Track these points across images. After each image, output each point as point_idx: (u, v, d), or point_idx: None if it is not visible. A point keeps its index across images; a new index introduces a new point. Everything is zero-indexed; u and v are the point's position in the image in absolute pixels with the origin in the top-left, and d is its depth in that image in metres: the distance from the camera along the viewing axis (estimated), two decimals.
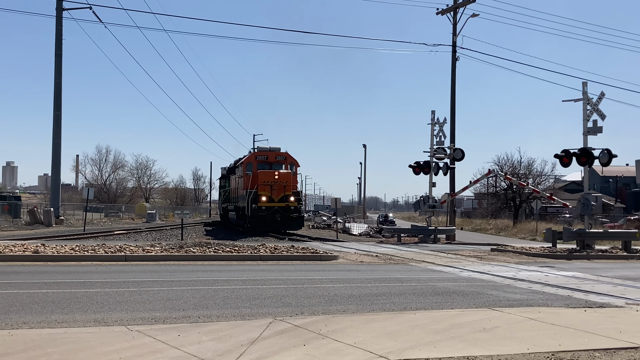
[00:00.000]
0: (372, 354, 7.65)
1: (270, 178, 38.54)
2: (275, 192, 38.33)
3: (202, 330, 8.91)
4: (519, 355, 7.75)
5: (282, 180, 38.76)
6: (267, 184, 38.27)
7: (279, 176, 38.83)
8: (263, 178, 38.49)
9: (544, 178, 78.56)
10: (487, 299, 13.11)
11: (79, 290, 13.06)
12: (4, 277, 15.04)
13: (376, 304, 12.01)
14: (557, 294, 14.22)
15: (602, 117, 27.84)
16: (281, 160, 41.23)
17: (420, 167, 37.43)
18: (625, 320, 10.62)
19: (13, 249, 20.90)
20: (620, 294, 14.24)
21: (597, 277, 17.97)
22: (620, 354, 7.93)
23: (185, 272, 17.14)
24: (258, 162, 40.54)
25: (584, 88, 28.45)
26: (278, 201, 38.29)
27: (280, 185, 38.61)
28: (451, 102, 42.08)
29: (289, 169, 40.74)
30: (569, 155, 28.14)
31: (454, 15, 42.29)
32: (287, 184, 39.00)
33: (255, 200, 37.88)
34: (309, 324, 9.51)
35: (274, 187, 38.41)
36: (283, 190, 38.57)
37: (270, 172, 39.09)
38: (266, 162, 40.71)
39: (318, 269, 18.80)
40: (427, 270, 19.24)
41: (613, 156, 27.53)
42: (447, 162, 37.79)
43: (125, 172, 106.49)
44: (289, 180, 39.28)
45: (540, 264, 22.31)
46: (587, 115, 28.04)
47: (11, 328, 8.92)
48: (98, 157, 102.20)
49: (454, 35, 42.08)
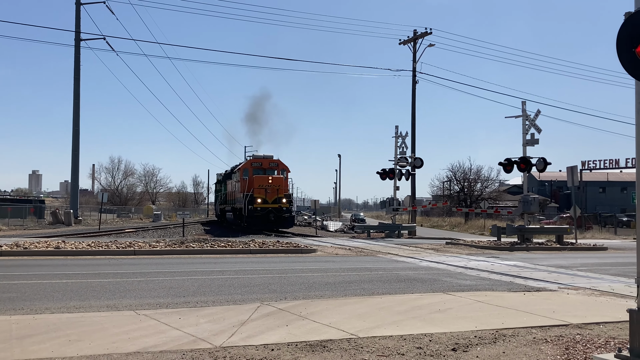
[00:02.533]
0: (344, 332, 7.66)
1: (265, 182, 37.96)
2: (269, 195, 37.73)
3: (200, 313, 8.88)
4: (469, 332, 7.80)
5: (275, 184, 38.21)
6: (261, 187, 37.69)
7: (272, 180, 38.28)
8: (258, 182, 37.93)
9: (490, 182, 79.17)
10: (442, 284, 13.17)
11: (93, 280, 12.96)
12: (30, 270, 14.90)
13: (348, 290, 12.02)
14: (501, 280, 14.33)
15: (538, 130, 28.13)
16: (274, 167, 40.60)
17: (386, 173, 37.66)
18: (557, 302, 10.73)
19: (37, 245, 20.75)
20: (554, 280, 14.39)
21: (535, 266, 18.13)
22: (553, 330, 8.01)
23: (185, 264, 17.06)
24: (253, 168, 39.93)
25: (523, 106, 28.72)
26: (272, 203, 37.70)
27: (274, 189, 38.01)
28: (412, 118, 42.29)
29: (281, 174, 40.17)
30: (511, 163, 28.42)
31: (414, 46, 42.53)
32: (279, 187, 38.42)
33: (252, 202, 37.29)
34: (291, 307, 9.51)
35: (268, 190, 37.80)
36: (276, 193, 37.98)
37: (265, 177, 38.48)
38: (261, 168, 40.02)
39: (299, 261, 18.79)
40: (392, 261, 19.29)
41: (548, 163, 27.90)
42: (409, 169, 37.94)
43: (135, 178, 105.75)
44: (281, 184, 38.75)
45: (487, 255, 22.46)
46: (526, 129, 28.31)
47: (35, 313, 8.85)
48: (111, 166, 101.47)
49: (414, 62, 42.29)
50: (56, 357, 6.25)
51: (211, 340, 7.09)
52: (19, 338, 7.08)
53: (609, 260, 21.28)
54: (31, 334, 7.32)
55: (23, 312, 8.98)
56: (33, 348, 6.61)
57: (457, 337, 7.49)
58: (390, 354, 6.60)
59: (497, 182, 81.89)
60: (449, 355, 6.58)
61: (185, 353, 6.50)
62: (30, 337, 7.13)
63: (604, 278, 15.00)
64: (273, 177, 38.69)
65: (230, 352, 6.58)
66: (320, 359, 6.33)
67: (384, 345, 7.01)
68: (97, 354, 6.38)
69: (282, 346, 6.87)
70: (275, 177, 39.06)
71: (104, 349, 6.59)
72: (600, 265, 18.61)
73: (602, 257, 22.71)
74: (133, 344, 6.88)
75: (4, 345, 6.73)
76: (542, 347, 6.91)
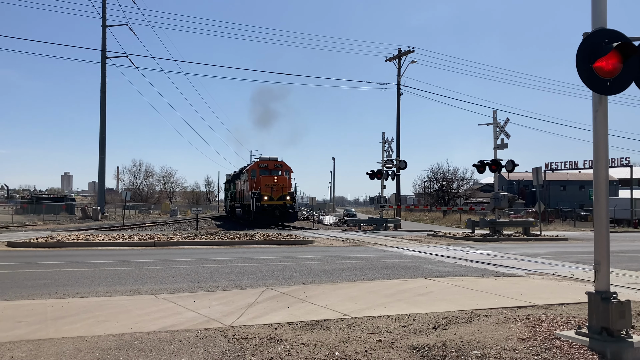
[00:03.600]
0: (339, 313, 7.66)
1: (271, 181, 37.56)
2: (275, 193, 37.31)
3: (212, 297, 8.86)
4: (448, 312, 7.80)
5: (280, 183, 37.83)
6: (268, 186, 37.25)
7: (278, 180, 37.90)
8: (265, 181, 37.53)
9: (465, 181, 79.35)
10: (424, 271, 13.17)
11: (118, 268, 12.92)
12: (63, 259, 14.85)
13: (342, 276, 12.01)
14: (475, 267, 14.33)
15: (507, 136, 28.12)
16: (279, 168, 40.01)
17: (374, 174, 37.61)
18: (525, 286, 10.74)
19: (69, 237, 20.70)
20: (521, 267, 14.39)
21: (505, 255, 18.14)
22: (521, 310, 8.02)
23: (199, 254, 17.02)
24: (260, 168, 39.45)
25: (494, 115, 28.73)
26: (277, 200, 37.25)
27: (279, 187, 37.60)
28: (397, 125, 42.38)
29: (285, 174, 39.64)
30: (483, 165, 28.41)
31: (398, 62, 42.61)
32: (284, 186, 38.00)
33: (259, 199, 36.90)
34: (292, 291, 9.50)
35: (274, 188, 37.36)
36: (281, 191, 37.56)
37: (271, 177, 38.05)
38: (267, 169, 39.52)
39: (299, 251, 18.77)
40: (380, 251, 19.29)
41: (515, 165, 27.88)
42: (395, 170, 37.92)
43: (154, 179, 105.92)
44: (285, 184, 38.34)
45: (463, 245, 22.47)
46: (497, 135, 28.32)
47: (67, 297, 8.82)
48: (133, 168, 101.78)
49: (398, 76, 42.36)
50: (86, 335, 6.23)
51: (222, 321, 7.08)
52: (53, 319, 7.06)
53: (570, 249, 21.31)
54: (64, 315, 7.30)
55: (57, 296, 8.95)
56: (65, 328, 6.59)
57: (437, 316, 7.49)
58: (379, 331, 6.60)
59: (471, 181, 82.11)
60: (430, 332, 6.58)
61: (199, 332, 6.49)
62: (63, 319, 7.10)
63: (565, 265, 15.02)
64: (278, 177, 38.32)
65: (239, 330, 6.57)
66: (317, 336, 6.33)
67: (374, 324, 7.00)
68: (122, 333, 6.36)
69: (285, 325, 6.86)
70: (280, 177, 38.66)
71: (128, 329, 6.57)
72: (561, 254, 18.63)
73: (563, 247, 22.74)
74: (154, 323, 6.86)
75: (40, 325, 6.72)
76: (511, 325, 6.92)
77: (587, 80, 5.70)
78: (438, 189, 77.71)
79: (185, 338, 6.18)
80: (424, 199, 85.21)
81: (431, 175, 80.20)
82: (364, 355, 5.60)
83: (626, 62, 5.63)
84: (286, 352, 5.66)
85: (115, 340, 6.06)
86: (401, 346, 5.94)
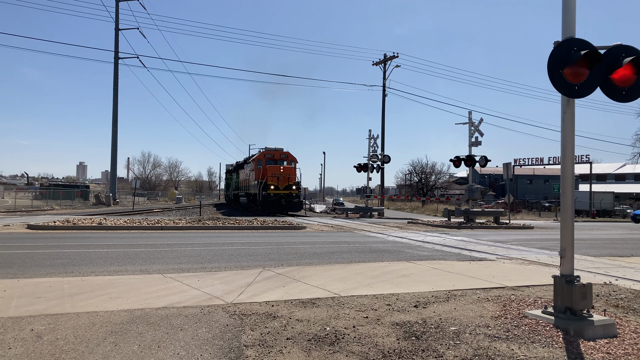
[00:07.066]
0: (329, 292, 7.64)
1: (277, 171, 35.79)
2: (281, 182, 35.55)
3: (214, 277, 8.81)
4: (427, 292, 7.80)
5: (285, 173, 36.01)
6: (274, 175, 35.51)
7: (283, 170, 36.08)
8: (271, 171, 35.74)
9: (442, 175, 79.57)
10: (405, 255, 13.18)
11: (129, 249, 12.84)
12: (78, 241, 14.73)
13: (332, 259, 12.00)
14: (451, 252, 14.36)
15: (481, 134, 28.18)
16: (284, 158, 38.18)
17: (361, 167, 37.63)
18: (496, 269, 10.77)
19: (84, 221, 20.54)
20: (493, 252, 14.44)
21: (478, 241, 18.21)
22: (493, 291, 8.04)
23: (202, 237, 16.95)
24: (266, 158, 37.59)
25: (470, 115, 28.75)
26: (283, 189, 35.54)
27: (284, 177, 35.79)
28: (382, 123, 42.33)
29: (290, 165, 37.66)
30: (459, 160, 28.45)
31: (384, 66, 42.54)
32: (289, 176, 36.11)
33: (265, 188, 35.14)
34: (287, 272, 9.47)
35: (280, 178, 35.59)
36: (286, 180, 35.78)
37: (277, 167, 36.22)
38: (272, 159, 37.72)
39: (293, 235, 18.74)
40: (365, 236, 19.29)
41: (488, 160, 27.97)
42: (379, 164, 37.97)
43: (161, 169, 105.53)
44: (290, 173, 36.39)
45: (440, 232, 22.53)
46: (472, 133, 28.37)
47: (83, 275, 8.74)
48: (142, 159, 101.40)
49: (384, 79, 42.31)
50: (100, 310, 6.17)
51: (224, 298, 7.04)
52: (69, 295, 6.99)
53: (535, 237, 21.44)
54: (79, 292, 7.23)
55: (73, 274, 8.87)
56: (81, 304, 6.52)
57: (418, 296, 7.49)
58: (366, 309, 6.59)
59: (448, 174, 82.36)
60: (412, 310, 6.58)
61: (203, 308, 6.45)
62: (79, 295, 7.03)
63: (531, 250, 15.10)
64: (284, 167, 36.51)
65: (239, 307, 6.53)
66: (310, 313, 6.30)
67: (361, 302, 6.99)
68: (132, 308, 6.30)
69: (280, 303, 6.83)
70: (286, 167, 36.79)
71: (138, 305, 6.52)
72: (528, 241, 18.74)
73: (529, 234, 22.88)
74: (161, 300, 6.81)
75: (57, 301, 6.65)
76: (484, 305, 6.93)
77: (557, 84, 5.68)
78: (418, 181, 77.93)
79: (191, 314, 6.14)
80: (405, 190, 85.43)
81: (412, 168, 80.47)
82: (352, 330, 5.58)
83: (592, 68, 5.62)
84: (282, 327, 5.64)
85: (127, 315, 6.01)
86: (386, 322, 5.93)
